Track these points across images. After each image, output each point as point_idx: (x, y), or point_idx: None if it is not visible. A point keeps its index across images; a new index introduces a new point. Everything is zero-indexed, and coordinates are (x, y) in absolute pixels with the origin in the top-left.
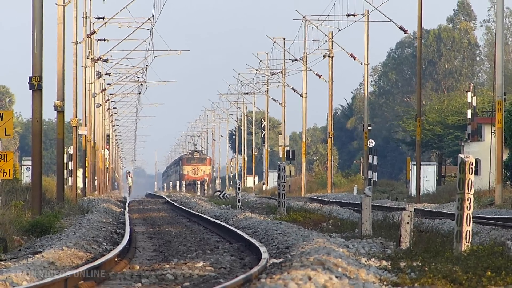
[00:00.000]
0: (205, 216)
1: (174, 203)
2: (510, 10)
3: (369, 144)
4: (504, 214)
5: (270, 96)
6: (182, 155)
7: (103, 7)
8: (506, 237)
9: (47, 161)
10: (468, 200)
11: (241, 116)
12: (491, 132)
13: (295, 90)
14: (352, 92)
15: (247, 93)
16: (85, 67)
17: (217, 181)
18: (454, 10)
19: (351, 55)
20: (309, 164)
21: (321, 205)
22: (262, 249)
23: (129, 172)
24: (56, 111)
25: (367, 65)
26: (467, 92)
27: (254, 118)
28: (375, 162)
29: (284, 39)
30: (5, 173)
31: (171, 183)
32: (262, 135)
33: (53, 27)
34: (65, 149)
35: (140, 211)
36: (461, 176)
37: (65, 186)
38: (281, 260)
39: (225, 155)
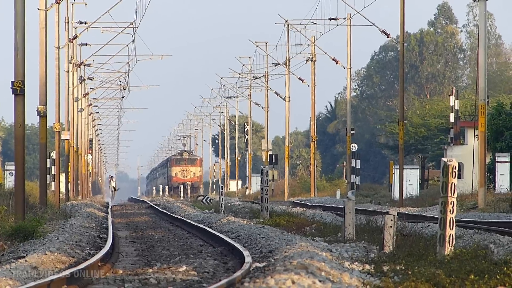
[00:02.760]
0: (188, 221)
1: (157, 207)
2: (489, 13)
3: (352, 148)
4: (487, 218)
5: (253, 100)
6: (170, 155)
7: (85, 12)
8: (489, 241)
9: (30, 166)
10: (451, 203)
11: (224, 120)
12: (474, 136)
13: (278, 94)
14: (335, 96)
15: (230, 98)
16: (68, 72)
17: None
18: (434, 14)
19: (334, 59)
20: (292, 168)
21: (304, 209)
22: (245, 253)
23: (112, 176)
24: (39, 116)
25: (350, 69)
26: (450, 96)
27: (237, 123)
28: (358, 166)
29: (266, 43)
30: None
31: (155, 187)
32: (245, 139)
33: (35, 32)
34: (48, 154)
35: (123, 216)
36: (444, 179)
37: (48, 191)
38: (264, 264)
39: (208, 159)
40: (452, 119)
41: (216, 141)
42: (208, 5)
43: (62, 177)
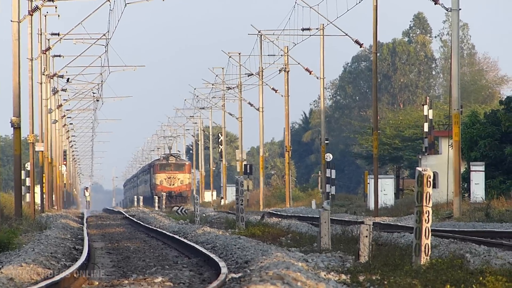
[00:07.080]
0: (163, 231)
1: (132, 218)
2: (464, 22)
3: (327, 158)
4: (462, 227)
5: (227, 110)
6: (154, 160)
7: (58, 23)
8: (465, 250)
9: (5, 177)
10: (426, 213)
11: (198, 131)
12: (448, 145)
13: (251, 105)
14: (310, 104)
15: (203, 108)
16: (41, 83)
17: None
18: (409, 23)
19: (307, 69)
20: (267, 178)
21: (280, 219)
22: (221, 264)
23: (87, 187)
24: (12, 128)
25: (323, 79)
26: (423, 105)
27: (211, 133)
28: (333, 176)
29: (239, 54)
30: None
31: (136, 196)
32: (219, 149)
33: (8, 44)
34: (23, 165)
35: (99, 227)
36: (419, 189)
37: (22, 202)
38: (240, 274)
39: None
40: (426, 129)
41: (190, 151)
42: (181, 16)
43: (37, 189)
